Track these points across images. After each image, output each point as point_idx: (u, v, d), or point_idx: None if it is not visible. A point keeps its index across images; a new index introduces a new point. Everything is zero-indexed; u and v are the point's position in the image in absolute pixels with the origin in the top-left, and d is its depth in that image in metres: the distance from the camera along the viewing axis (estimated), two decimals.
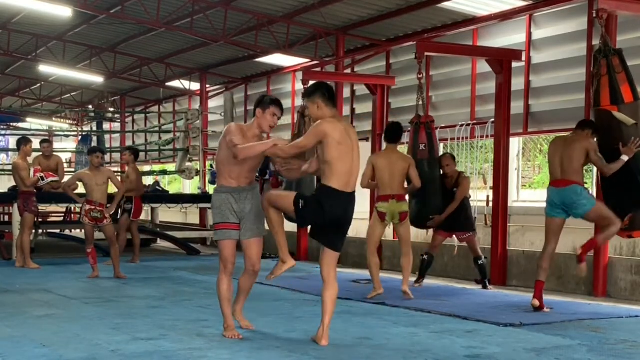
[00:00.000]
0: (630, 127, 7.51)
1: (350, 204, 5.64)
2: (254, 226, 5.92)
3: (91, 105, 23.67)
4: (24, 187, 11.57)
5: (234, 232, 5.89)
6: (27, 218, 11.58)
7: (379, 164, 8.61)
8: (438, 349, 5.58)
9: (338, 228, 5.68)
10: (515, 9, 11.23)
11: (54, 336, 5.92)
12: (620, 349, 5.75)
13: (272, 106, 5.86)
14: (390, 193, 8.54)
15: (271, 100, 5.92)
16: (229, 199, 5.86)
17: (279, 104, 5.94)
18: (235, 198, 5.86)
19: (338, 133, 5.50)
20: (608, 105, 7.57)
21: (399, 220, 8.62)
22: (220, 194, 5.92)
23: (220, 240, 5.92)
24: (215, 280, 6.03)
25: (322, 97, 5.62)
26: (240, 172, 5.87)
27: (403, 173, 8.59)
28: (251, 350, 5.49)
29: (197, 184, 18.46)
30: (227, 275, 5.90)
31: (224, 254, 5.89)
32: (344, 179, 5.55)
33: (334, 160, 5.49)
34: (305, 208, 5.56)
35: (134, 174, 12.63)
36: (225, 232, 5.88)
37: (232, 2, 13.52)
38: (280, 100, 6.01)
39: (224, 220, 5.86)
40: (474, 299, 8.62)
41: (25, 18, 16.30)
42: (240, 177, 5.88)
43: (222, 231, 5.89)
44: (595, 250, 9.55)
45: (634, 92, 7.58)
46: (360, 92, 14.65)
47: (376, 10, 12.72)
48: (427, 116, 10.07)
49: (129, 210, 12.46)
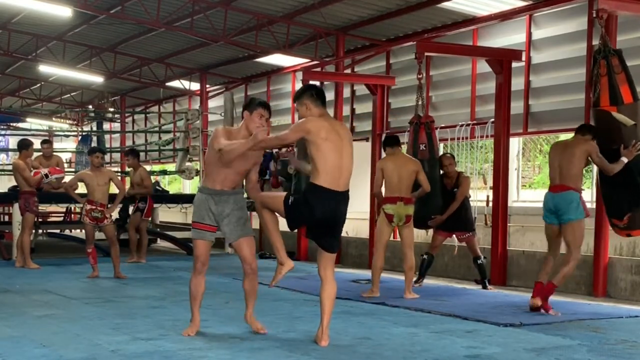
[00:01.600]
0: (629, 128, 7.51)
1: (341, 204, 5.56)
2: (237, 228, 5.94)
3: (91, 105, 23.67)
4: (27, 186, 11.56)
5: (208, 234, 5.92)
6: (28, 218, 11.58)
7: (387, 167, 8.60)
8: (438, 349, 5.58)
9: (328, 228, 5.62)
10: (515, 9, 11.23)
11: (54, 336, 5.92)
12: (620, 349, 5.75)
13: (259, 108, 5.83)
14: (398, 195, 8.53)
15: (258, 102, 5.91)
16: (208, 200, 5.88)
17: (266, 105, 5.91)
18: (215, 200, 5.86)
19: (324, 130, 5.45)
20: (607, 106, 7.56)
21: (404, 223, 8.63)
22: (201, 193, 5.97)
23: (194, 239, 5.99)
24: (215, 280, 6.04)
25: (310, 97, 5.61)
26: (226, 176, 5.86)
27: (411, 176, 8.58)
28: (251, 350, 5.49)
29: (197, 184, 18.47)
30: (197, 273, 5.95)
31: (195, 252, 5.98)
32: (333, 175, 5.47)
33: (319, 157, 5.45)
34: (293, 207, 5.52)
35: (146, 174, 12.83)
36: (199, 232, 5.93)
37: (232, 2, 13.52)
38: (267, 103, 6.04)
39: (199, 220, 5.90)
40: (474, 299, 8.62)
41: (25, 18, 16.31)
42: (226, 180, 5.87)
43: (196, 230, 5.94)
44: (595, 251, 9.55)
45: (633, 92, 7.57)
46: (360, 92, 14.65)
47: (376, 10, 12.72)
48: (427, 116, 10.07)
49: (142, 210, 12.61)
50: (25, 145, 11.76)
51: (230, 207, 5.89)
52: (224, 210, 5.88)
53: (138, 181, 12.77)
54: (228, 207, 5.88)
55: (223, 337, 5.99)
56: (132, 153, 13.23)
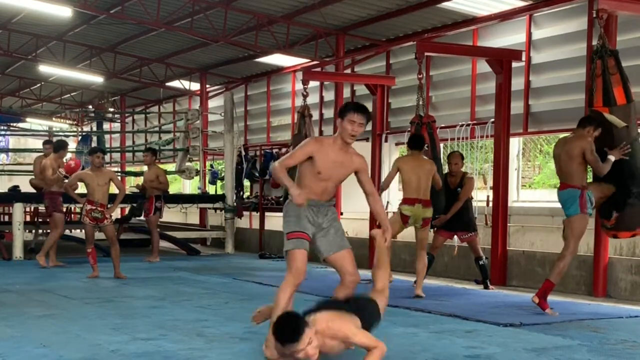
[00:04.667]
0: (621, 130, 7.52)
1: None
2: (336, 239, 5.44)
3: (91, 105, 23.67)
4: (54, 187, 11.65)
5: (307, 243, 5.36)
6: (57, 217, 11.61)
7: (405, 168, 8.58)
8: (438, 349, 5.58)
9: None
10: (515, 9, 11.23)
11: (54, 336, 5.92)
12: (620, 349, 5.75)
13: (349, 112, 5.29)
14: (417, 197, 8.54)
15: (351, 106, 5.38)
16: (307, 210, 5.35)
17: (359, 108, 5.35)
18: (314, 211, 5.39)
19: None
20: (601, 107, 7.58)
21: (421, 226, 8.63)
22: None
23: (290, 250, 5.32)
24: (215, 280, 6.03)
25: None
26: (325, 189, 5.41)
27: (429, 177, 8.59)
28: (251, 350, 5.49)
29: (197, 184, 18.47)
30: (292, 285, 5.28)
31: (295, 264, 5.28)
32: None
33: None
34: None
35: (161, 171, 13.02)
36: (299, 241, 5.31)
37: (232, 2, 13.52)
38: (362, 105, 5.46)
39: (300, 229, 5.33)
40: (474, 299, 8.62)
41: (25, 18, 16.31)
42: (324, 193, 5.42)
43: (295, 240, 5.32)
44: (595, 251, 9.55)
45: (627, 94, 7.58)
46: (360, 92, 14.65)
47: (376, 10, 12.72)
48: (429, 116, 10.07)
49: (160, 209, 12.75)
50: (63, 146, 12.00)
51: (328, 219, 5.45)
52: (322, 222, 5.43)
53: (152, 178, 12.90)
54: (326, 219, 5.45)
55: (223, 337, 5.99)
56: (150, 150, 13.41)
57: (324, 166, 5.31)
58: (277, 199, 15.58)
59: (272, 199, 15.81)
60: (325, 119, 15.60)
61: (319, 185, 5.35)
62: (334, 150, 5.34)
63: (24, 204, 13.38)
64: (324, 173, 5.31)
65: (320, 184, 5.35)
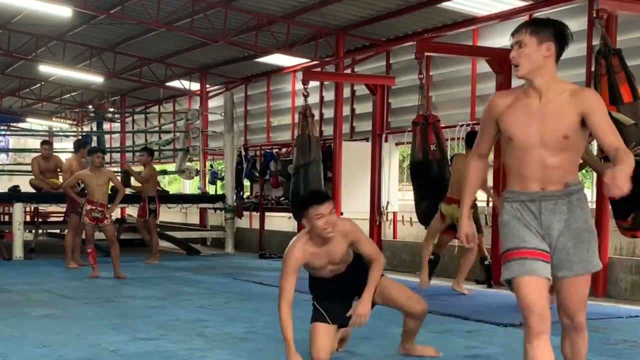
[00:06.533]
0: (629, 128, 7.50)
1: None
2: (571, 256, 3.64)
3: (91, 105, 23.65)
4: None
5: (539, 265, 3.56)
6: (73, 219, 11.61)
7: (457, 167, 8.59)
8: (438, 349, 5.57)
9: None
10: (515, 9, 11.23)
11: (54, 336, 5.92)
12: (620, 349, 5.75)
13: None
14: (456, 197, 8.54)
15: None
16: (521, 210, 3.65)
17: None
18: (533, 210, 3.63)
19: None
20: (607, 106, 7.55)
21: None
22: (509, 202, 3.71)
23: (514, 279, 3.60)
24: (215, 280, 6.03)
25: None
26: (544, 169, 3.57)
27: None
28: (251, 350, 5.49)
29: (197, 184, 18.47)
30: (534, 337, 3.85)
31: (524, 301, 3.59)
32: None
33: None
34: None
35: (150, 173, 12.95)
36: (519, 264, 3.58)
37: (232, 2, 13.51)
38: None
39: (517, 244, 3.60)
40: (474, 299, 8.62)
41: (25, 18, 16.30)
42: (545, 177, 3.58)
43: (512, 262, 3.61)
44: None
45: (633, 92, 7.57)
46: (360, 92, 14.65)
47: (376, 10, 12.72)
48: (433, 116, 10.05)
49: (155, 210, 12.69)
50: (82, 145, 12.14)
51: (563, 219, 3.62)
52: (552, 223, 3.62)
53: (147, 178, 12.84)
54: (559, 220, 3.62)
55: (223, 337, 5.99)
56: (147, 150, 13.36)
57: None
58: (277, 199, 15.59)
59: (272, 199, 15.82)
60: (325, 119, 15.60)
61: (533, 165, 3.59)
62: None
63: (24, 204, 13.37)
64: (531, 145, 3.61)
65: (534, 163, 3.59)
